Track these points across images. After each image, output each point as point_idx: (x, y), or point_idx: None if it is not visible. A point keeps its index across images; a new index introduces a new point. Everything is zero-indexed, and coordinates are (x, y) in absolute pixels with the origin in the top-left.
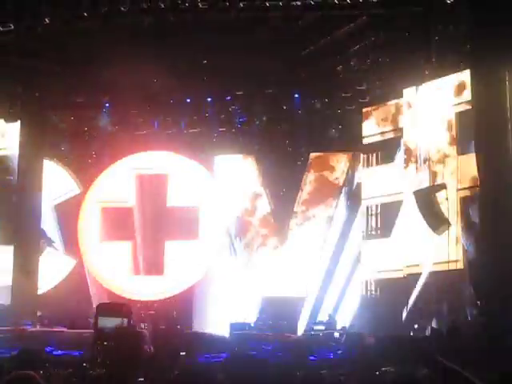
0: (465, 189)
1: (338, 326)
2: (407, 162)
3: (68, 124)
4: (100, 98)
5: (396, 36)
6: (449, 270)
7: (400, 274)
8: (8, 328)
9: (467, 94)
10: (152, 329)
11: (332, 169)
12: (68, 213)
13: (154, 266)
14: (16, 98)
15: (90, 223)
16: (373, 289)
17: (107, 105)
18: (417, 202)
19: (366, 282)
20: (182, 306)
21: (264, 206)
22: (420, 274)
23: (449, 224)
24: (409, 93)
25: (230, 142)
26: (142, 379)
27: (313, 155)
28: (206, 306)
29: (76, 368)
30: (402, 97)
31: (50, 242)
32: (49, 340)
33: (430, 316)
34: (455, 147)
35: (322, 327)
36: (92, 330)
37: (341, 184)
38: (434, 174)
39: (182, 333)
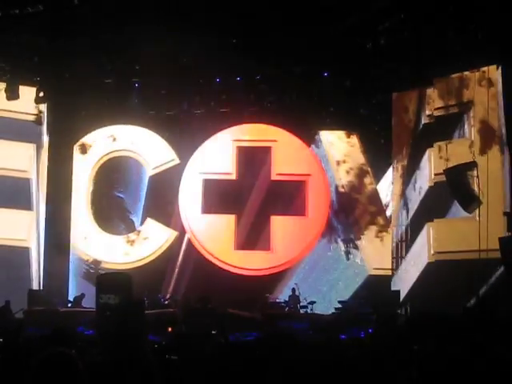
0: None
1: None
2: (483, 140)
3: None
4: (130, 78)
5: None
6: None
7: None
8: (40, 308)
9: None
10: (183, 307)
11: (406, 110)
12: (166, 184)
13: (259, 240)
14: (44, 81)
15: (191, 195)
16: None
17: (136, 85)
18: (447, 180)
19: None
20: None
21: (371, 183)
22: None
23: (480, 202)
24: (490, 70)
25: (332, 117)
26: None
27: (394, 95)
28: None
29: None
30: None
31: (124, 216)
32: (80, 320)
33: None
34: None
35: (351, 306)
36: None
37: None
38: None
39: (214, 312)
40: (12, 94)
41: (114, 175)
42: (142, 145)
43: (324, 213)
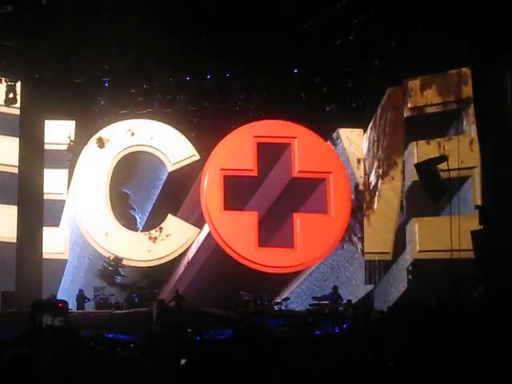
0: None
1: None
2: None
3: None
4: (100, 77)
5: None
6: None
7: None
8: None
9: None
10: (157, 306)
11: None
12: (185, 180)
13: (282, 237)
14: (15, 80)
15: (212, 191)
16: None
17: (107, 84)
18: (418, 173)
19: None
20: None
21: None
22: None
23: (450, 195)
24: None
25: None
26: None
27: (389, 89)
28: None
29: None
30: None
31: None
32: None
33: None
34: None
35: (326, 302)
36: None
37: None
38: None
39: (189, 310)
40: None
41: (125, 170)
42: (161, 140)
43: (347, 211)
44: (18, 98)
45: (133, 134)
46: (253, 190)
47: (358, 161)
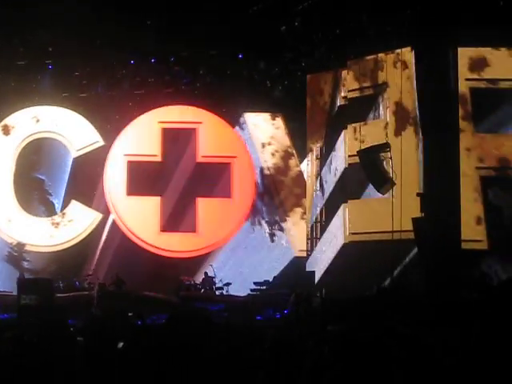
0: (486, 168)
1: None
2: (398, 121)
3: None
4: (43, 60)
5: None
6: None
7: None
8: None
9: (489, 72)
10: (99, 291)
11: (321, 92)
12: (90, 166)
13: (184, 222)
14: None
15: (116, 176)
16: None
17: (50, 67)
18: (361, 160)
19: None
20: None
21: (296, 165)
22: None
23: (393, 183)
24: (404, 53)
25: (258, 99)
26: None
27: (309, 77)
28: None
29: None
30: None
31: (45, 198)
32: None
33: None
34: (471, 123)
35: (267, 287)
36: None
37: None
38: (435, 142)
39: (130, 295)
40: None
41: (35, 157)
42: (65, 126)
43: (249, 195)
44: None
45: (38, 120)
46: (157, 175)
47: (263, 145)
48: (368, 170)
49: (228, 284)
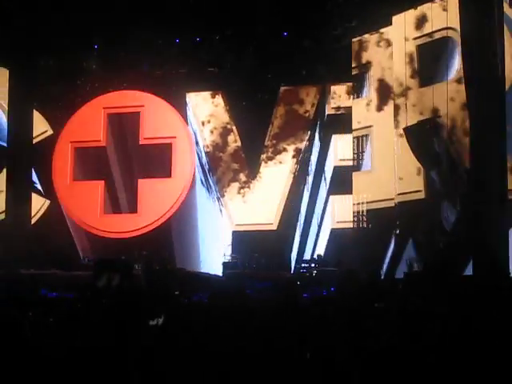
0: (426, 120)
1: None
2: (380, 98)
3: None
4: (89, 39)
5: None
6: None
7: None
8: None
9: (428, 27)
10: (145, 269)
11: (302, 102)
12: (42, 154)
13: (127, 204)
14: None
15: (63, 164)
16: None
17: (96, 46)
18: (407, 137)
19: (358, 214)
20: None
21: (234, 141)
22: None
23: (441, 160)
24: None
25: (200, 79)
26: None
27: (282, 89)
28: (185, 244)
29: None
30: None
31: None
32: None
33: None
34: (417, 80)
35: (314, 265)
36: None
37: (311, 117)
38: (396, 107)
39: (176, 273)
40: None
41: None
42: None
43: (188, 173)
44: None
45: None
46: (101, 160)
47: (203, 123)
48: (414, 147)
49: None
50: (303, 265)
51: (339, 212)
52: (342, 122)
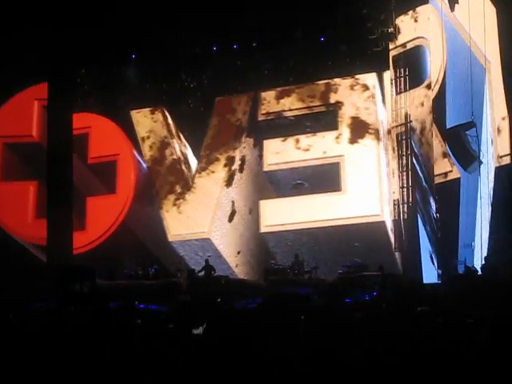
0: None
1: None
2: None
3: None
4: (127, 51)
5: None
6: None
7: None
8: None
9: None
10: (188, 277)
11: (234, 111)
12: None
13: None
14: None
15: None
16: None
17: (133, 56)
18: (447, 139)
19: None
20: None
21: (171, 154)
22: None
23: (480, 162)
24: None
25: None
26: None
27: (217, 99)
28: None
29: None
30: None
31: None
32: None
33: None
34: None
35: (355, 270)
36: None
37: (243, 125)
38: None
39: (218, 280)
40: None
41: None
42: None
43: (130, 189)
44: None
45: None
46: (35, 157)
47: (143, 139)
48: (454, 148)
49: (316, 268)
50: (343, 270)
51: (268, 216)
52: (271, 127)
